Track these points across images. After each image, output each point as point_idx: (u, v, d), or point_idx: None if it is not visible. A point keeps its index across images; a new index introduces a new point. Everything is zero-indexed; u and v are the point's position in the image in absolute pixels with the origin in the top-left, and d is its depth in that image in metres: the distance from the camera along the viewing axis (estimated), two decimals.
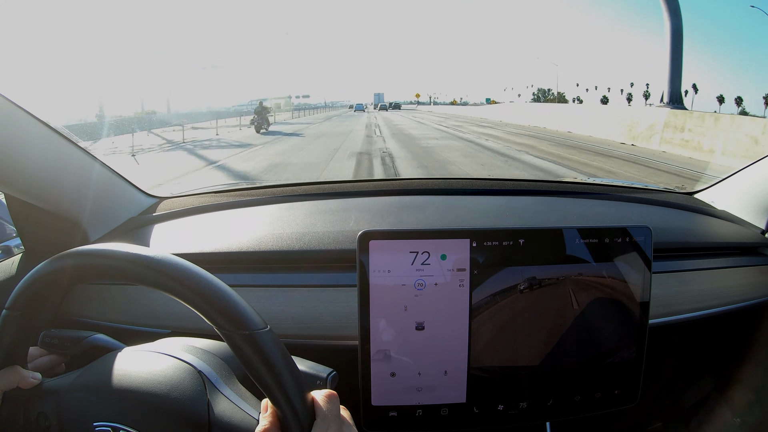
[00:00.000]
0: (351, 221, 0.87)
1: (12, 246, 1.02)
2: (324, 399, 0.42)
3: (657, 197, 1.11)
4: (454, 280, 0.59)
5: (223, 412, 0.43)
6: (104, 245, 0.43)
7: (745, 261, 0.93)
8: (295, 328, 0.73)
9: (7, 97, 0.65)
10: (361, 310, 0.58)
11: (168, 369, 0.46)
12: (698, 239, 0.92)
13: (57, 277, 0.44)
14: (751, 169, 1.04)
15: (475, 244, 0.59)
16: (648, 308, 0.64)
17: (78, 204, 0.81)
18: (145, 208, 0.99)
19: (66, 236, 0.81)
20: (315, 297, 0.75)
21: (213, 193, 1.08)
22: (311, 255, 0.79)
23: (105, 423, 0.43)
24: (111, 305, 0.78)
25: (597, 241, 0.61)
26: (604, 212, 1.01)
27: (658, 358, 0.76)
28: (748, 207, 1.02)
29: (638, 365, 0.65)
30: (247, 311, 0.40)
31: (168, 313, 0.74)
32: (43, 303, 0.46)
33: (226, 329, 0.39)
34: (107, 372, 0.47)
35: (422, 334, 0.59)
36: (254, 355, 0.39)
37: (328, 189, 1.06)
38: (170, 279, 0.40)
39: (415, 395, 0.61)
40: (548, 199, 1.05)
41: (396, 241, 0.58)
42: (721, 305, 0.85)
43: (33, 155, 0.71)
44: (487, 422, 0.62)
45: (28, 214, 0.79)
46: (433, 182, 1.17)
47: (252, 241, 0.81)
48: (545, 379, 0.62)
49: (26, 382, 0.47)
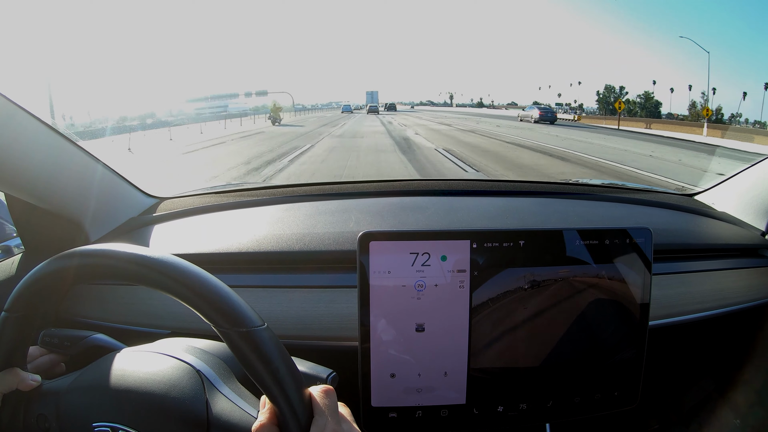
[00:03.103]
0: (351, 222, 0.87)
1: (12, 246, 1.02)
2: (321, 395, 0.42)
3: (657, 199, 1.11)
4: (455, 282, 0.59)
5: (221, 410, 0.43)
6: (103, 245, 0.43)
7: (745, 263, 0.93)
8: (295, 328, 0.73)
9: (9, 98, 0.65)
10: (361, 311, 0.58)
11: (167, 369, 0.46)
12: (698, 241, 0.92)
13: (58, 277, 0.44)
14: (752, 170, 1.04)
15: (475, 245, 0.59)
16: (648, 309, 0.64)
17: (79, 204, 0.81)
18: (145, 209, 0.99)
19: (67, 236, 0.81)
20: (315, 298, 0.75)
21: (213, 193, 1.08)
22: (311, 256, 0.79)
23: (104, 423, 0.43)
24: (111, 305, 0.78)
25: (597, 242, 0.61)
26: (605, 213, 1.01)
27: (658, 359, 0.76)
28: (749, 208, 1.02)
29: (638, 367, 0.65)
30: (244, 309, 0.40)
31: (168, 314, 0.74)
32: (43, 304, 0.46)
33: (223, 327, 0.39)
34: (106, 372, 0.47)
35: (422, 335, 0.59)
36: (251, 352, 0.39)
37: (328, 190, 1.07)
38: (167, 278, 0.40)
39: (414, 396, 0.61)
40: (548, 201, 1.05)
41: (396, 242, 0.58)
42: (722, 307, 0.85)
43: (34, 155, 0.71)
44: (486, 423, 0.62)
45: (28, 214, 0.79)
46: (433, 183, 1.17)
47: (252, 242, 0.81)
48: (545, 381, 0.62)
49: (26, 384, 0.47)
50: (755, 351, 0.93)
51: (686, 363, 0.98)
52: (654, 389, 0.85)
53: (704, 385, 1.01)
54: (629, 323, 0.64)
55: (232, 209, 0.99)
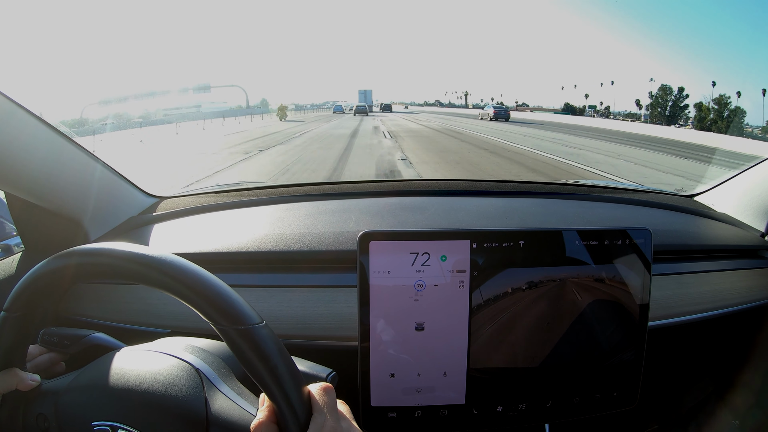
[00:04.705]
0: (351, 222, 0.87)
1: (12, 245, 1.02)
2: (320, 392, 0.42)
3: (657, 199, 1.11)
4: (454, 282, 0.59)
5: (220, 408, 0.43)
6: (102, 244, 0.43)
7: (745, 264, 0.93)
8: (294, 328, 0.73)
9: (9, 97, 0.65)
10: (361, 310, 0.58)
11: (165, 367, 0.46)
12: (698, 242, 0.92)
13: (57, 276, 0.44)
14: (751, 171, 1.04)
15: (475, 245, 0.59)
16: (647, 310, 0.64)
17: (79, 203, 0.81)
18: (145, 208, 0.99)
19: (67, 235, 0.81)
20: (315, 297, 0.75)
21: (213, 193, 1.08)
22: (311, 255, 0.79)
23: (103, 422, 0.43)
24: (111, 304, 0.78)
25: (597, 243, 0.62)
26: (604, 214, 1.01)
27: (657, 360, 0.76)
28: (748, 210, 1.02)
29: (637, 367, 0.65)
30: (242, 306, 0.40)
31: (167, 313, 0.74)
32: (43, 303, 0.46)
33: (221, 325, 0.39)
34: (105, 372, 0.47)
35: (422, 335, 0.59)
36: (250, 349, 0.39)
37: (328, 190, 1.07)
38: (166, 276, 0.40)
39: (414, 396, 0.61)
40: (548, 201, 1.05)
41: (396, 242, 0.58)
42: (721, 308, 0.85)
43: (34, 155, 0.71)
44: (486, 423, 0.62)
45: (28, 213, 0.79)
46: (433, 183, 1.17)
47: (252, 242, 0.81)
48: (544, 381, 0.62)
49: (25, 384, 0.47)
50: (755, 352, 0.93)
51: (685, 364, 0.98)
52: (653, 390, 0.85)
53: (703, 385, 1.01)
54: (628, 324, 0.64)
55: (232, 209, 0.99)
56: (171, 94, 30.58)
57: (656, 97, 35.18)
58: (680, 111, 34.96)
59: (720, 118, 30.68)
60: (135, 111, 17.43)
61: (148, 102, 26.81)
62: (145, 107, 19.77)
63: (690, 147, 14.14)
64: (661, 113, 34.33)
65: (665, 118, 33.00)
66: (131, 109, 25.98)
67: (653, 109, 35.19)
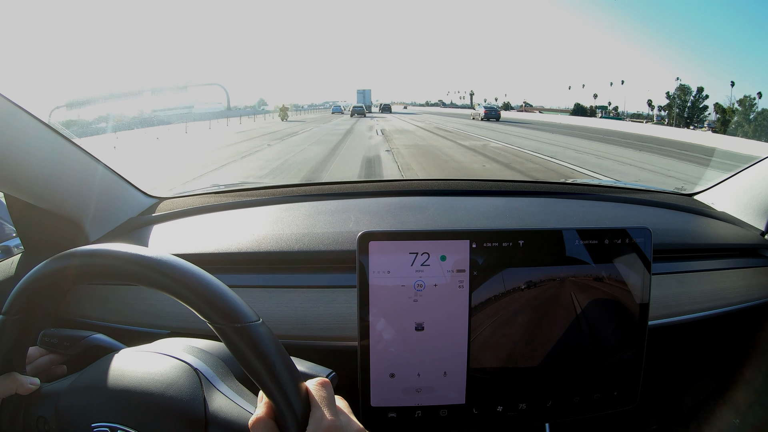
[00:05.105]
0: (351, 222, 0.87)
1: (12, 246, 1.02)
2: (317, 388, 0.42)
3: (657, 198, 1.11)
4: (454, 281, 0.59)
5: (219, 408, 0.43)
6: (102, 245, 0.43)
7: (745, 262, 0.93)
8: (294, 328, 0.73)
9: (9, 98, 0.65)
10: (361, 310, 0.58)
11: (164, 368, 0.46)
12: (698, 240, 0.92)
13: (57, 277, 0.44)
14: (751, 170, 1.04)
15: (474, 245, 0.59)
16: (647, 309, 0.64)
17: (79, 204, 0.81)
18: (145, 209, 0.99)
19: (66, 236, 0.81)
20: (315, 298, 0.75)
21: (213, 193, 1.08)
22: (311, 256, 0.79)
23: (103, 423, 0.43)
24: (110, 305, 0.78)
25: (596, 242, 0.62)
26: (604, 213, 1.01)
27: (657, 359, 0.76)
28: (748, 208, 1.02)
29: (638, 366, 0.65)
30: (238, 304, 0.40)
31: (167, 314, 0.74)
32: (42, 304, 0.46)
33: (218, 323, 0.39)
34: (104, 373, 0.47)
35: (422, 334, 0.59)
36: (247, 347, 0.39)
37: (327, 190, 1.07)
38: (163, 276, 0.40)
39: (414, 396, 0.61)
40: (548, 201, 1.05)
41: (396, 242, 0.58)
42: (721, 306, 0.85)
43: (34, 156, 0.71)
44: (486, 423, 0.62)
45: (28, 214, 0.79)
46: (433, 183, 1.17)
47: (251, 242, 0.81)
48: (544, 381, 0.62)
49: (24, 388, 0.47)
50: (755, 351, 0.93)
51: (686, 363, 0.98)
52: (653, 389, 0.85)
53: (704, 384, 1.01)
54: (628, 323, 0.64)
55: (232, 209, 0.99)
56: (145, 95, 29.97)
57: (674, 97, 32.92)
58: (699, 112, 32.69)
59: (746, 121, 27.98)
60: (128, 111, 17.33)
61: (140, 102, 26.66)
62: (140, 108, 19.83)
63: (732, 156, 10.49)
64: (679, 114, 32.23)
65: (683, 119, 30.81)
66: (125, 109, 25.80)
67: (670, 109, 33.22)
